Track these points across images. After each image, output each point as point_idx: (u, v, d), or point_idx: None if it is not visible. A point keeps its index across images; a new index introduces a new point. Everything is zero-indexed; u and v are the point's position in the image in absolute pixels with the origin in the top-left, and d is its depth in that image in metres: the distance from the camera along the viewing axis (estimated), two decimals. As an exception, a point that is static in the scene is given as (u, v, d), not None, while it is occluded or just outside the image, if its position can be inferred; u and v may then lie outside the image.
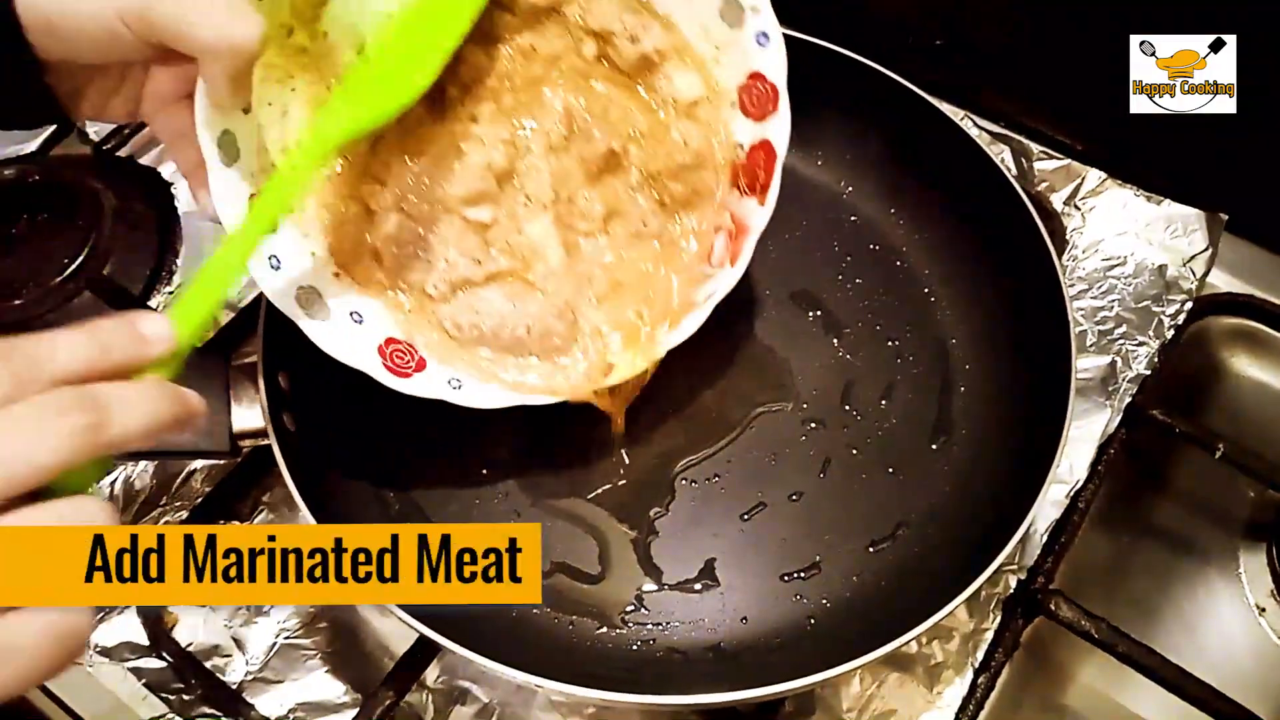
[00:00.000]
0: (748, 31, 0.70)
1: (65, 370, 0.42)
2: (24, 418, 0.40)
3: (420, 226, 0.71)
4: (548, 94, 0.73)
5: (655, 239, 0.75)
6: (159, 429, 0.45)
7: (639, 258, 0.75)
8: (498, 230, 0.72)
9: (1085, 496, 0.78)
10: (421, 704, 0.72)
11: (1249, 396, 0.91)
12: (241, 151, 0.62)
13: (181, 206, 0.97)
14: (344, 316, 0.69)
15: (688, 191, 0.74)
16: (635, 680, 0.68)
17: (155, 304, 0.91)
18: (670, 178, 0.74)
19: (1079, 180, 0.95)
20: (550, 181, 0.73)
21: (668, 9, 0.72)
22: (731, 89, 0.73)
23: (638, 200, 0.75)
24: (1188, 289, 0.89)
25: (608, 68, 0.74)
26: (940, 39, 0.99)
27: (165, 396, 0.46)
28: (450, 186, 0.70)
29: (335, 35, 0.66)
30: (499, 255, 0.72)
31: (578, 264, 0.74)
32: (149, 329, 0.47)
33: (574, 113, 0.73)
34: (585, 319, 0.74)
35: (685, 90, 0.73)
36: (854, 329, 0.85)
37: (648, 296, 0.74)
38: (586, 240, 0.74)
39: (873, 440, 0.79)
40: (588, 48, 0.73)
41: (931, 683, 0.73)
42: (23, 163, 0.98)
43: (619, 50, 0.72)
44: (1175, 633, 0.83)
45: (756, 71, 0.71)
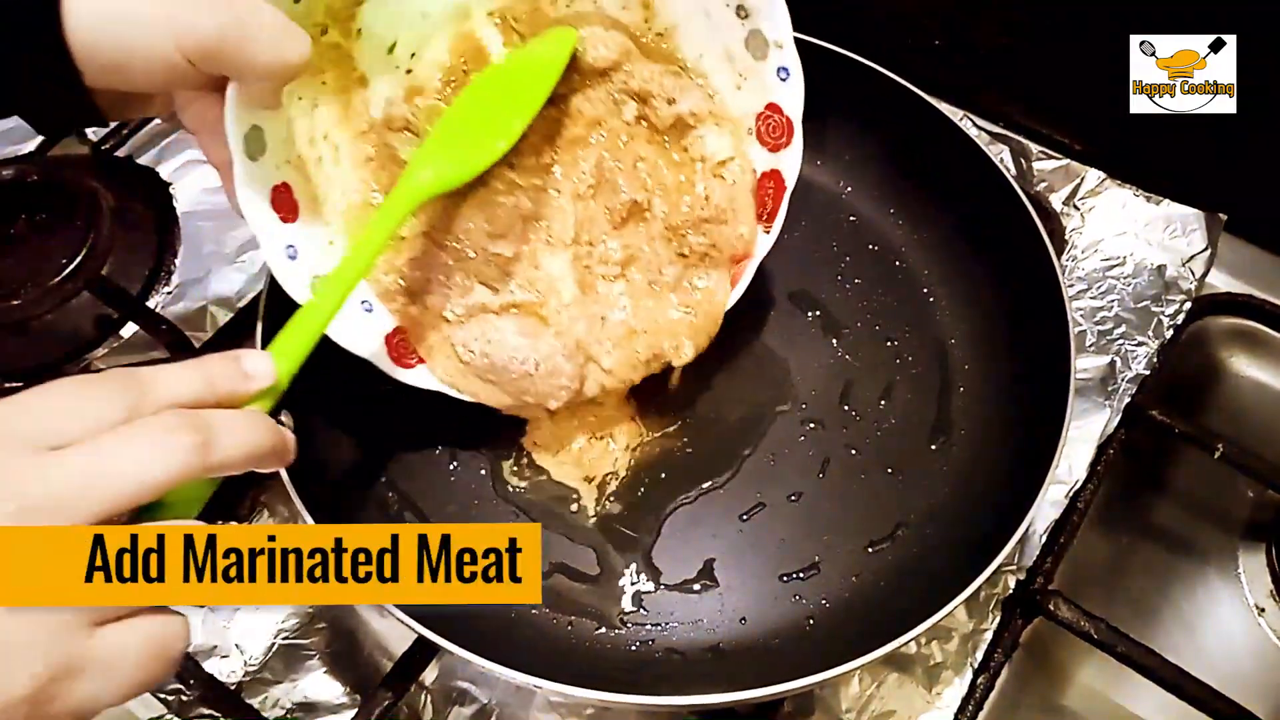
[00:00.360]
0: (770, 64, 0.72)
1: (174, 397, 0.46)
2: (137, 434, 0.43)
3: (445, 255, 0.72)
4: (583, 151, 0.75)
5: (672, 291, 0.76)
6: (258, 457, 0.48)
7: (654, 307, 0.76)
8: (518, 265, 0.73)
9: (1084, 497, 0.78)
10: (420, 704, 0.72)
11: (1248, 396, 0.91)
12: (268, 145, 0.63)
13: (180, 206, 0.97)
14: (354, 305, 0.71)
15: (707, 245, 0.75)
16: (634, 681, 0.68)
17: (154, 304, 0.90)
18: (692, 229, 0.75)
19: (1078, 180, 0.95)
20: (574, 225, 0.74)
21: (696, 43, 0.74)
22: (750, 115, 0.75)
23: (658, 250, 0.76)
24: (1187, 289, 0.89)
25: (645, 128, 0.75)
26: (939, 39, 0.99)
27: (266, 427, 0.49)
28: (478, 223, 0.72)
29: (369, 31, 0.68)
30: (516, 288, 0.73)
31: (592, 304, 0.75)
32: (252, 365, 0.51)
33: (604, 165, 0.74)
34: (594, 366, 0.75)
35: (716, 151, 0.75)
36: (853, 329, 0.85)
37: (659, 344, 0.76)
38: (603, 283, 0.75)
39: (872, 441, 0.79)
40: (628, 109, 0.74)
41: (931, 683, 0.73)
42: (21, 162, 0.97)
43: (656, 111, 0.74)
44: (1174, 633, 0.83)
45: (774, 103, 0.74)
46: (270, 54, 0.55)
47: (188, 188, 0.98)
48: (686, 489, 0.77)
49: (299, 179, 0.67)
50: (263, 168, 0.63)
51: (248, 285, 0.91)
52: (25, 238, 0.93)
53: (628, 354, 0.75)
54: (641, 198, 0.75)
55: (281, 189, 0.66)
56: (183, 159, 0.99)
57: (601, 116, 0.74)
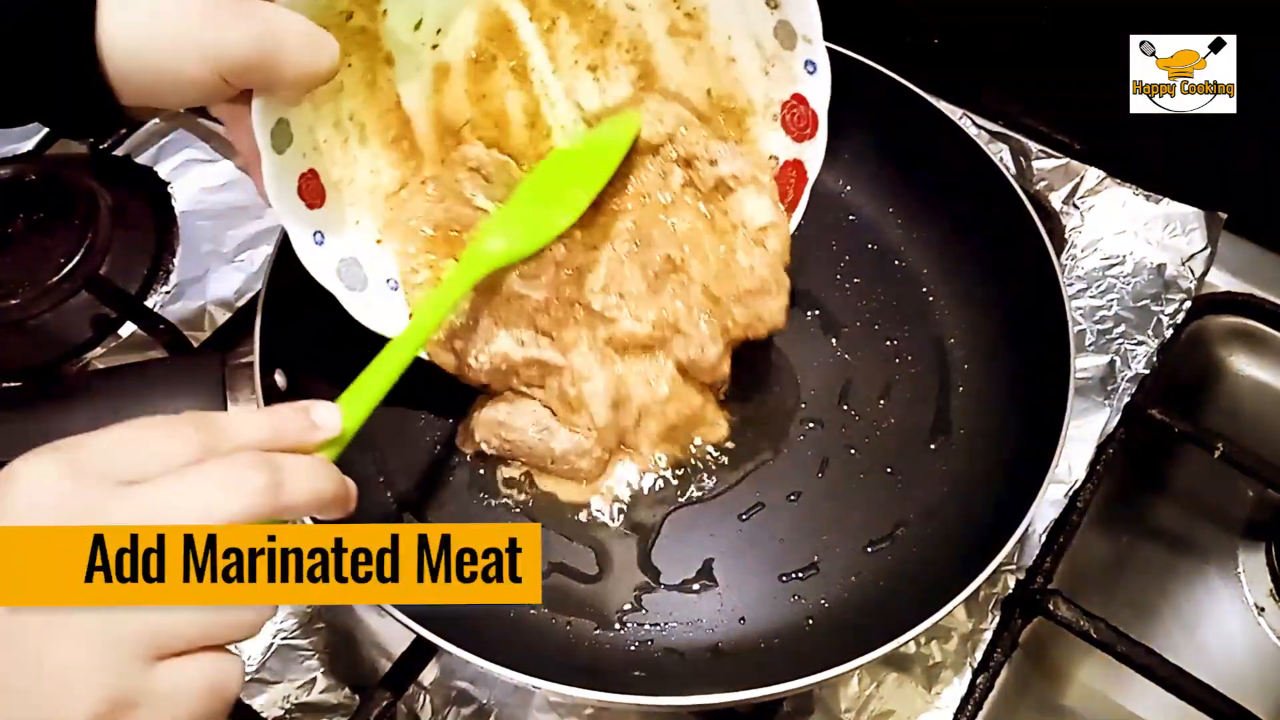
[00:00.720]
0: (798, 56, 0.74)
1: (245, 441, 0.47)
2: (209, 472, 0.44)
3: (479, 297, 0.73)
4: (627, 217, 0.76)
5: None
6: (322, 503, 0.49)
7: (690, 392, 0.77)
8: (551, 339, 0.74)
9: (1084, 496, 0.78)
10: (419, 705, 0.72)
11: (1248, 396, 0.91)
12: (294, 135, 0.64)
13: (178, 206, 0.96)
14: (380, 285, 0.72)
15: (752, 317, 0.76)
16: (633, 681, 0.68)
17: (152, 304, 0.90)
18: (735, 303, 0.75)
19: (1078, 179, 0.95)
20: (605, 275, 0.74)
21: (725, 24, 0.75)
22: (776, 102, 0.76)
23: (699, 325, 0.76)
24: (1186, 288, 0.89)
25: (691, 196, 0.76)
26: (939, 38, 0.99)
27: (331, 475, 0.50)
28: (515, 273, 0.73)
29: (395, 9, 0.68)
30: (545, 346, 0.74)
31: (624, 416, 0.75)
32: (320, 416, 0.52)
33: (644, 227, 0.75)
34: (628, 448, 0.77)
35: (755, 214, 0.76)
36: (852, 328, 0.85)
37: (696, 428, 0.78)
38: (644, 362, 0.76)
39: (871, 440, 0.79)
40: (675, 178, 0.75)
41: (930, 683, 0.73)
42: (19, 162, 0.98)
43: (700, 174, 0.75)
44: (1174, 633, 0.83)
45: (800, 94, 0.75)
46: (301, 67, 0.56)
47: (186, 187, 0.98)
48: (685, 488, 0.77)
49: (325, 163, 0.68)
50: (289, 158, 0.64)
51: (246, 285, 0.91)
52: (23, 237, 0.93)
53: (665, 437, 0.76)
54: (678, 255, 0.75)
55: (308, 176, 0.67)
56: (181, 158, 0.99)
57: (649, 189, 0.76)
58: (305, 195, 0.66)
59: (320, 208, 0.68)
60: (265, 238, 0.93)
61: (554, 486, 0.77)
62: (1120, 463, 0.81)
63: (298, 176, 0.66)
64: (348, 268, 0.70)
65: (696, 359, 0.75)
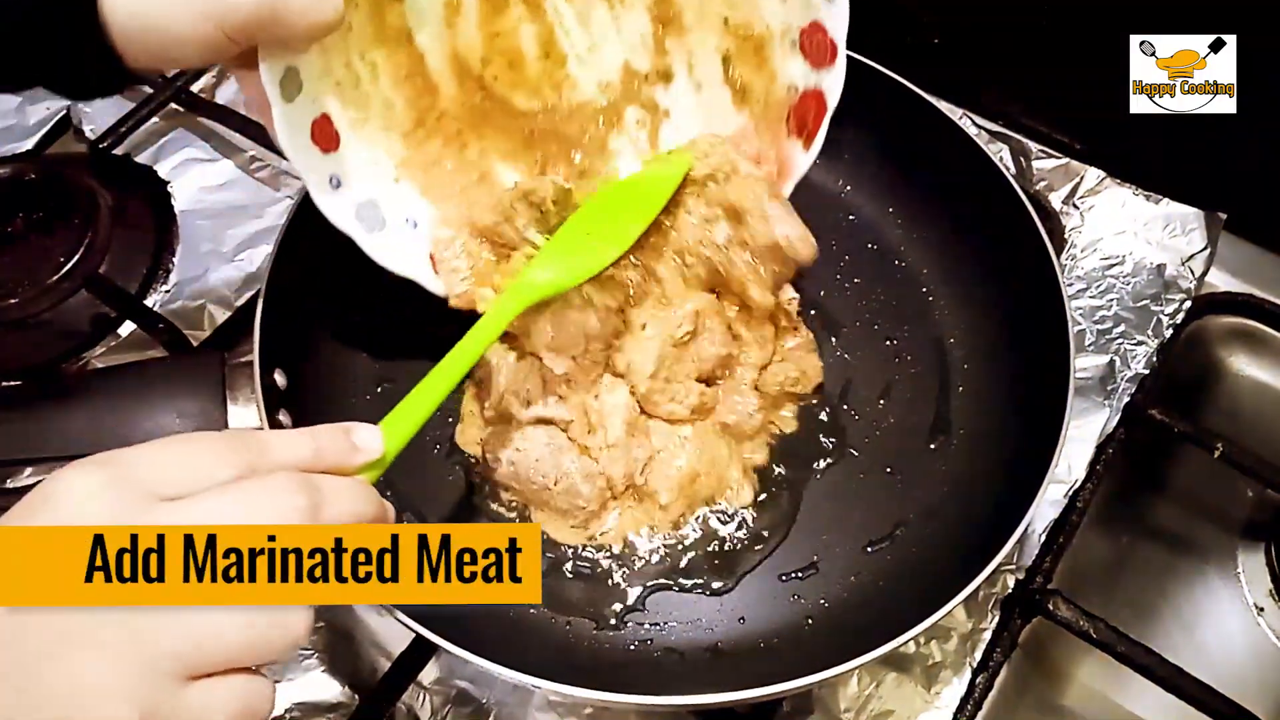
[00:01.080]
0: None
1: (286, 462, 0.47)
2: (249, 491, 0.44)
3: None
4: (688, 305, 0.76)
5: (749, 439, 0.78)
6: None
7: (720, 450, 0.76)
8: (569, 388, 0.74)
9: (1084, 496, 0.78)
10: (418, 704, 0.72)
11: (1248, 396, 0.91)
12: (304, 83, 0.64)
13: (178, 205, 0.96)
14: (399, 224, 0.73)
15: (795, 396, 0.79)
16: (633, 680, 0.68)
17: (151, 302, 0.90)
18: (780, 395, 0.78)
19: (1078, 179, 0.95)
20: (655, 360, 0.74)
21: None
22: (794, 28, 0.75)
23: (735, 404, 0.77)
24: (1186, 288, 0.89)
25: (743, 262, 0.75)
26: (939, 38, 0.99)
27: (371, 497, 0.49)
28: (541, 328, 0.72)
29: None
30: (554, 407, 0.74)
31: (637, 446, 0.75)
32: (361, 439, 0.51)
33: (702, 315, 0.75)
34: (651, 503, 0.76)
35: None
36: (852, 328, 0.85)
37: (718, 486, 0.77)
38: (666, 426, 0.76)
39: (871, 440, 0.79)
40: (720, 230, 0.75)
41: (929, 683, 0.73)
42: (19, 161, 0.98)
43: (751, 230, 0.74)
44: (1173, 632, 0.83)
45: (818, 22, 0.74)
46: (306, 18, 0.56)
47: (186, 186, 0.98)
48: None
49: (338, 106, 0.68)
50: (300, 105, 0.64)
51: (245, 284, 0.91)
52: (23, 236, 0.93)
53: (688, 496, 0.75)
54: (735, 351, 0.77)
55: (321, 121, 0.67)
56: (181, 157, 0.99)
57: (689, 246, 0.75)
58: (319, 140, 0.67)
59: (335, 151, 0.68)
60: (265, 237, 0.93)
61: (545, 520, 0.75)
62: (1120, 463, 0.81)
63: (310, 122, 0.66)
64: (366, 210, 0.71)
65: (739, 423, 0.77)
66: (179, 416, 0.68)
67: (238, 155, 0.99)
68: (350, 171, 0.69)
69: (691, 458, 0.74)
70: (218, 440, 0.46)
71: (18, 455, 0.69)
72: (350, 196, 0.69)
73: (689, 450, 0.75)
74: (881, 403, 0.81)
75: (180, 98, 1.00)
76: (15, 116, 1.02)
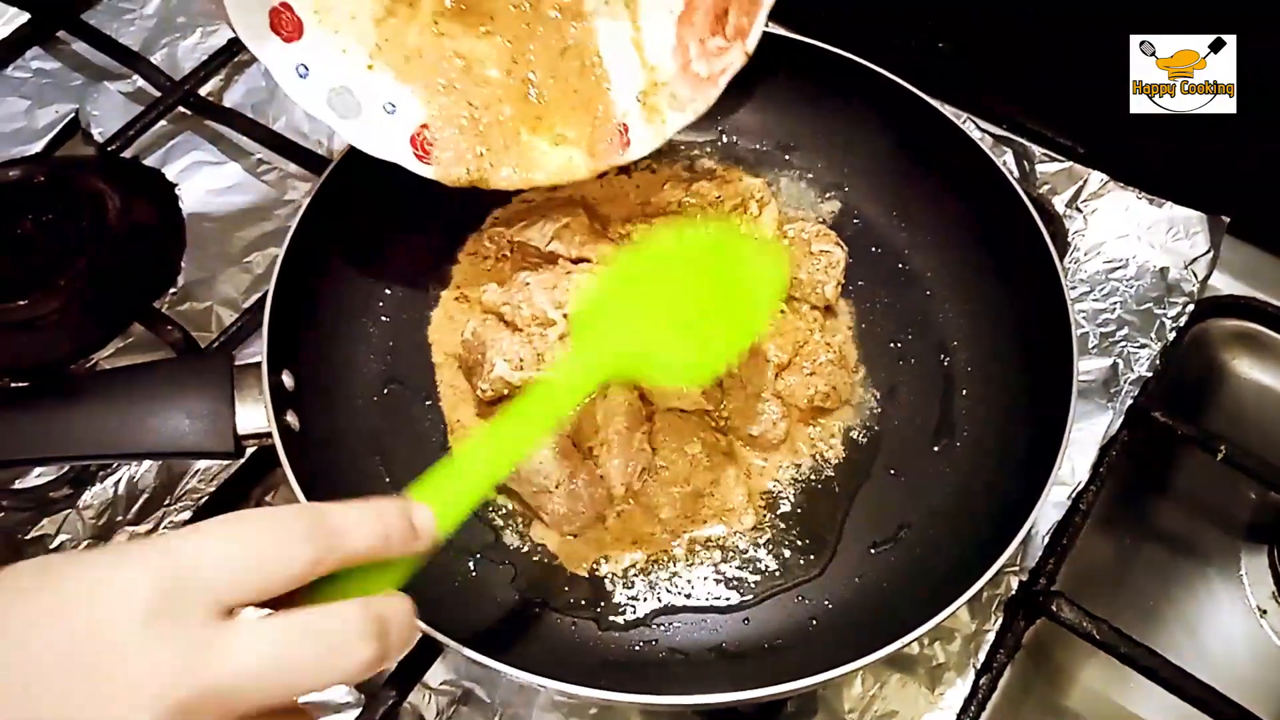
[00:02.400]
0: None
1: (355, 554, 0.44)
2: (324, 633, 0.41)
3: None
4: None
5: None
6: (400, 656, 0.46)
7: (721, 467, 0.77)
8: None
9: (1087, 498, 0.78)
10: (424, 704, 0.72)
11: (1251, 399, 0.91)
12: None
13: (186, 208, 0.97)
14: (376, 110, 0.73)
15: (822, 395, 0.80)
16: (637, 680, 0.68)
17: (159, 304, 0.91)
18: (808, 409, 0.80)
19: (1081, 183, 0.95)
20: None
21: None
22: None
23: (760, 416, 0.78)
24: (1189, 291, 0.89)
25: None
26: (943, 42, 0.99)
27: (416, 629, 0.47)
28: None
29: None
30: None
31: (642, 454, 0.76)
32: (421, 522, 0.48)
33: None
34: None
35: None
36: (856, 331, 0.85)
37: (721, 508, 0.77)
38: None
39: (875, 442, 0.80)
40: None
41: (933, 684, 0.73)
42: (28, 163, 0.98)
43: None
44: (1176, 634, 0.84)
45: None
46: None
47: (194, 189, 0.98)
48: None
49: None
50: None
51: (253, 286, 0.91)
52: (32, 238, 0.93)
53: (690, 514, 0.76)
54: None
55: (281, 9, 0.67)
56: (189, 160, 0.99)
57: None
58: (281, 29, 0.67)
59: (299, 40, 0.69)
60: (272, 239, 0.93)
61: (544, 535, 0.75)
62: (1123, 465, 0.81)
63: (267, 12, 0.66)
64: (338, 96, 0.71)
65: (765, 434, 0.77)
66: (187, 417, 0.68)
67: (245, 158, 1.00)
68: (318, 59, 0.70)
69: (698, 476, 0.75)
70: (286, 526, 0.42)
71: (26, 455, 0.70)
72: (321, 83, 0.70)
73: (698, 468, 0.75)
74: (886, 405, 0.81)
75: (188, 101, 1.01)
76: (24, 119, 1.02)
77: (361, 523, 0.45)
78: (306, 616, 0.41)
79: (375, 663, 0.42)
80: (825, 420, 0.80)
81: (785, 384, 0.79)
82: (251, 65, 1.05)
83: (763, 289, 0.69)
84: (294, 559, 0.41)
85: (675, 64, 0.77)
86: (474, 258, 0.87)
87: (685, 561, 0.74)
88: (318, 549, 0.42)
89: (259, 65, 0.67)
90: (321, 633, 0.41)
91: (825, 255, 0.82)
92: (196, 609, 0.39)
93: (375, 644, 0.42)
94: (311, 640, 0.41)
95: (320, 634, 0.41)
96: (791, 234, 0.85)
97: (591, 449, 0.75)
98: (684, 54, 0.76)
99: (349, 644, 0.41)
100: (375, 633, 0.42)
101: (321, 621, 0.41)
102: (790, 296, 0.82)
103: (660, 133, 0.78)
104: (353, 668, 0.41)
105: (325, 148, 0.99)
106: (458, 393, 0.81)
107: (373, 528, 0.45)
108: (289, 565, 0.41)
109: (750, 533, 0.75)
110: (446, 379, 0.82)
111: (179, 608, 0.39)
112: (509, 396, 0.76)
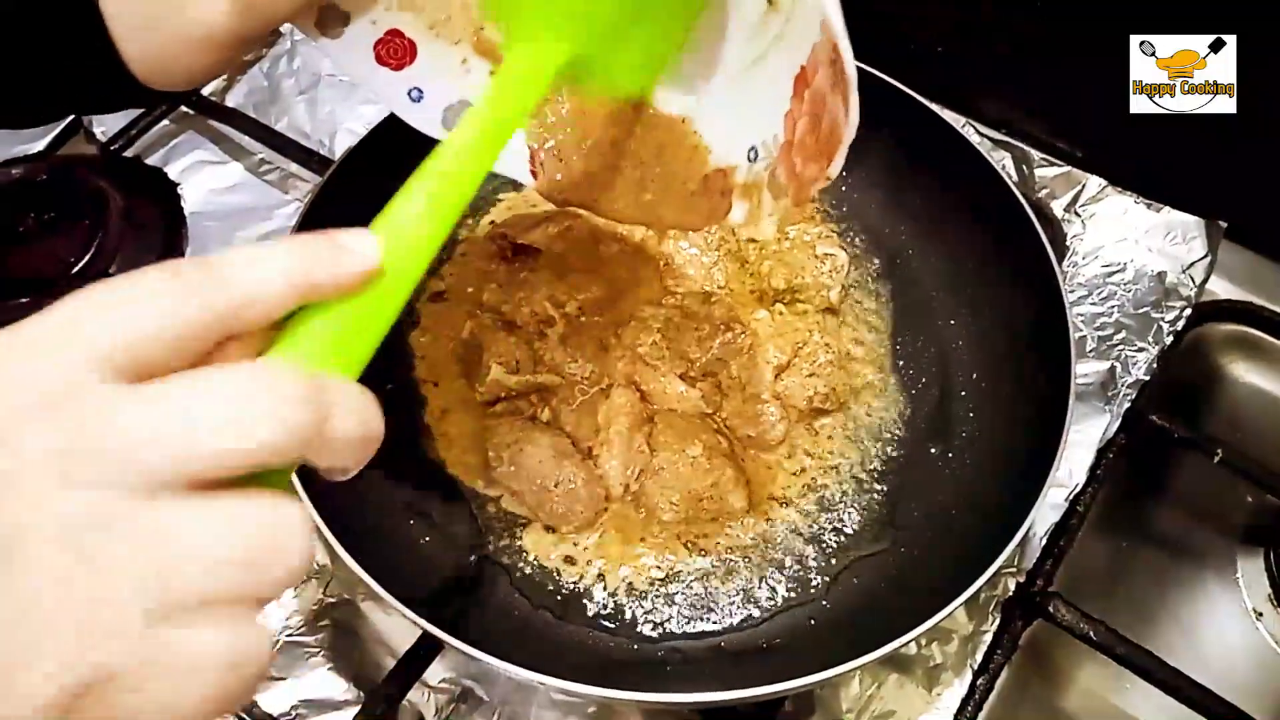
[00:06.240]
0: None
1: (261, 290, 0.36)
2: (244, 384, 0.34)
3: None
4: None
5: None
6: (364, 450, 0.39)
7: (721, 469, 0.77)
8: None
9: (1084, 500, 0.79)
10: (423, 701, 0.72)
11: (1247, 402, 0.92)
12: (349, 12, 0.61)
13: (188, 206, 0.97)
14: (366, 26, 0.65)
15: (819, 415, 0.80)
16: (636, 678, 0.68)
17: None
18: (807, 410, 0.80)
19: (1079, 187, 0.96)
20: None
21: None
22: None
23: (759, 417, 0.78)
24: (1187, 295, 0.90)
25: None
26: (942, 46, 1.00)
27: (379, 413, 0.39)
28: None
29: None
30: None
31: (641, 456, 0.76)
32: (348, 240, 0.39)
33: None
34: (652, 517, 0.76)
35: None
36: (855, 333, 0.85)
37: (717, 503, 0.77)
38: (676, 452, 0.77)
39: (873, 443, 0.80)
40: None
41: (930, 684, 0.73)
42: (31, 162, 0.98)
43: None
44: (1173, 636, 0.84)
45: None
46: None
47: (196, 188, 0.98)
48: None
49: (407, 16, 0.64)
50: (355, 32, 0.62)
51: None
52: (34, 237, 0.93)
53: (690, 516, 0.76)
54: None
55: (389, 37, 0.64)
56: (191, 159, 1.00)
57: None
58: (389, 60, 0.64)
59: (412, 64, 0.65)
60: (273, 239, 0.93)
61: (542, 535, 0.75)
62: (1120, 467, 0.82)
63: (372, 46, 0.63)
64: (454, 114, 0.67)
65: (763, 434, 0.77)
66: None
67: (247, 158, 1.00)
68: (434, 78, 0.66)
69: (698, 478, 0.75)
70: (160, 268, 0.35)
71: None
72: (435, 103, 0.67)
73: (697, 470, 0.75)
74: (885, 406, 0.82)
75: (190, 100, 1.01)
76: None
77: (258, 255, 0.37)
78: (221, 368, 0.35)
79: (305, 431, 0.34)
80: (824, 421, 0.80)
81: (784, 385, 0.79)
82: (254, 65, 1.05)
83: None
84: (166, 295, 0.34)
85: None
86: (469, 258, 0.88)
87: (685, 562, 0.74)
88: (194, 286, 0.35)
89: (261, 66, 0.66)
90: (237, 379, 0.34)
91: (830, 259, 0.82)
92: (95, 372, 0.33)
93: (305, 408, 0.34)
94: (226, 386, 0.34)
95: (236, 380, 0.34)
96: (794, 236, 0.85)
97: (591, 449, 0.75)
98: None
99: (274, 400, 0.33)
100: (312, 401, 0.34)
101: (236, 371, 0.34)
102: (794, 299, 0.82)
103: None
104: (279, 429, 0.33)
105: (327, 148, 0.99)
106: (444, 394, 0.81)
107: (277, 255, 0.37)
108: (192, 328, 0.34)
109: (749, 533, 0.75)
110: (431, 379, 0.81)
111: (76, 373, 0.33)
112: (506, 399, 0.77)
